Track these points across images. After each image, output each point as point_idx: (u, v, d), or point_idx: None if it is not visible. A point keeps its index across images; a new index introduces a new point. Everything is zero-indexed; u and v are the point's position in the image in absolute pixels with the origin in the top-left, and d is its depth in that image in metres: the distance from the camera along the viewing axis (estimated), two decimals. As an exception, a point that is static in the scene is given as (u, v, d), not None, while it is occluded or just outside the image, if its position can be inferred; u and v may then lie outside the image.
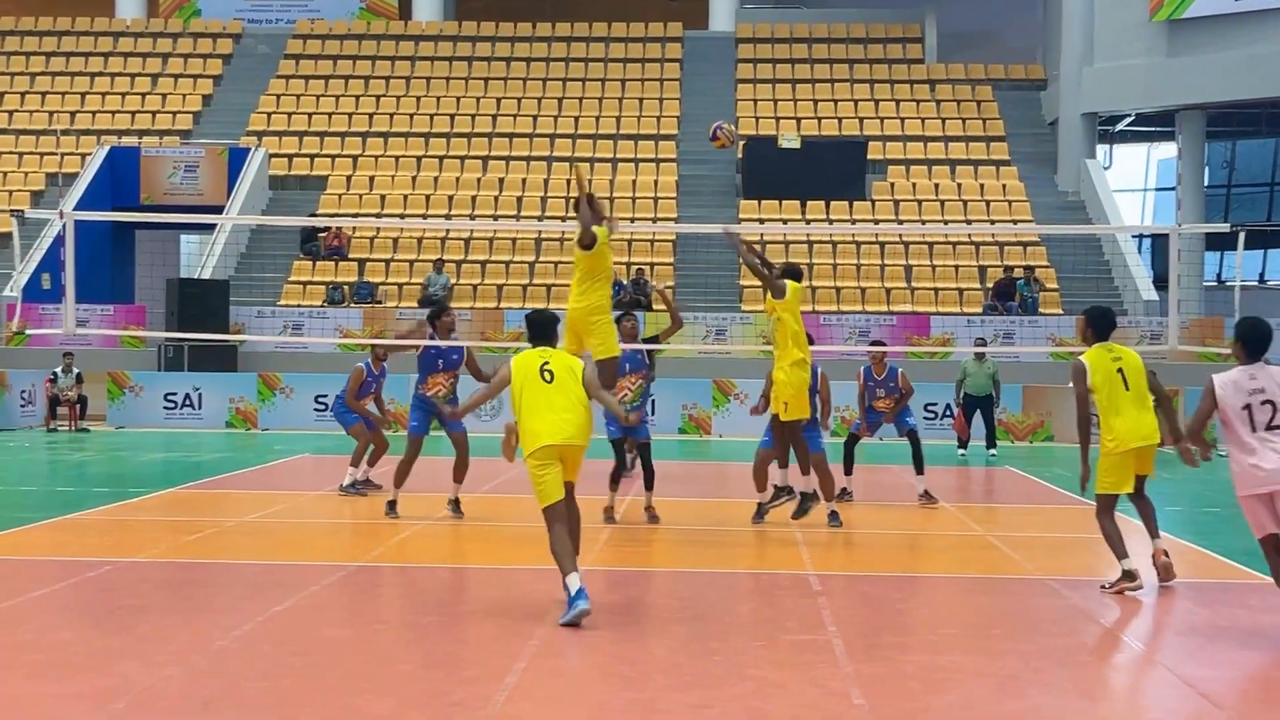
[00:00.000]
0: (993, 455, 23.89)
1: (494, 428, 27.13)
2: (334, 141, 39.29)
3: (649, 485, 14.35)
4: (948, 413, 27.20)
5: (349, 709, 7.02)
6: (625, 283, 31.02)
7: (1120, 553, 10.49)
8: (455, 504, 14.61)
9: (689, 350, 28.03)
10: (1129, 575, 10.43)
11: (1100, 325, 10.87)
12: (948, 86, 41.76)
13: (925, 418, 26.85)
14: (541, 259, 34.07)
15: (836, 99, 41.04)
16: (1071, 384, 10.75)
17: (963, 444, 24.38)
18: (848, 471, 16.22)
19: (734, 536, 13.70)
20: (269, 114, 40.38)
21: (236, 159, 36.17)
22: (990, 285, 32.41)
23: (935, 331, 30.31)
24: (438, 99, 41.19)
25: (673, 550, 13.05)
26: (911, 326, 30.30)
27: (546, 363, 9.41)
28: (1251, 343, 9.27)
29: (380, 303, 32.27)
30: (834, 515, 13.79)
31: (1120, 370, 10.56)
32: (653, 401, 21.67)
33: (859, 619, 9.45)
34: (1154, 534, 10.99)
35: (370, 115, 40.43)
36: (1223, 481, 19.87)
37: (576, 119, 40.13)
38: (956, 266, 33.58)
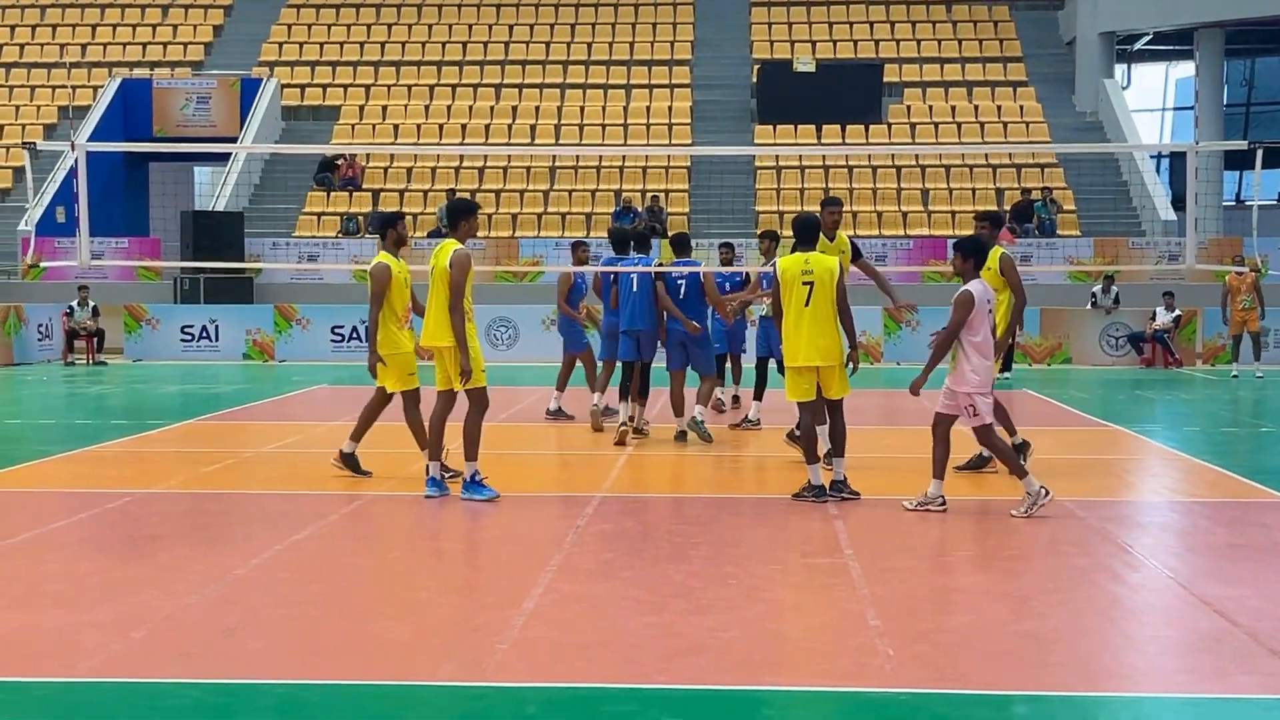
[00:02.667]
0: (1005, 378, 23.57)
1: (510, 357, 27.20)
2: (346, 71, 39.10)
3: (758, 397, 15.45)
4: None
5: (368, 635, 7.06)
6: (641, 210, 30.90)
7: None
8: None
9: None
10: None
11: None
12: (964, 7, 41.36)
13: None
14: (556, 187, 33.94)
15: (851, 21, 40.68)
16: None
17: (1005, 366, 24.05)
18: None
19: (746, 461, 13.72)
20: (280, 44, 40.18)
21: (249, 90, 36.04)
22: (1008, 207, 32.22)
23: (952, 254, 30.10)
24: (450, 27, 40.93)
25: (687, 475, 13.07)
26: (928, 250, 30.16)
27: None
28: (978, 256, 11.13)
29: (395, 232, 32.19)
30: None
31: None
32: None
33: (874, 542, 9.46)
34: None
35: (382, 44, 40.21)
36: (1240, 402, 19.86)
37: (589, 45, 39.84)
38: (973, 189, 33.39)
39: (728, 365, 16.97)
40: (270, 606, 7.65)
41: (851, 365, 11.43)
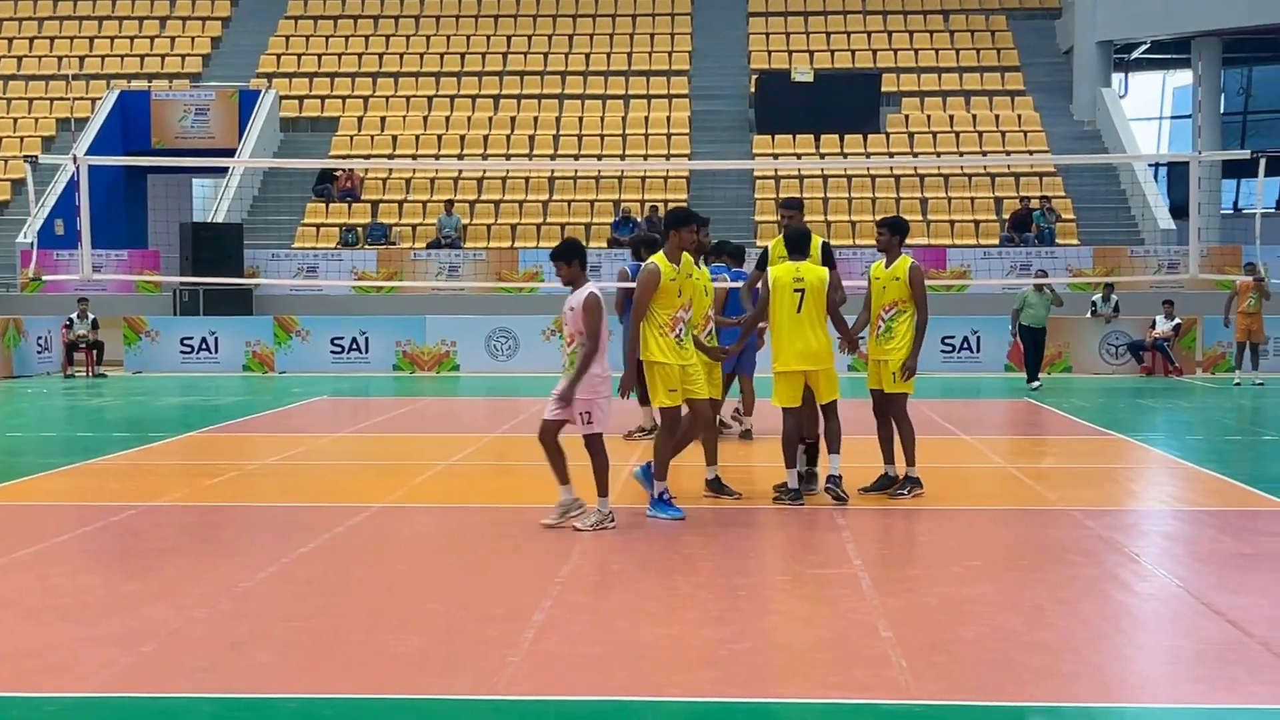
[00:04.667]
0: (1035, 388, 23.38)
1: (510, 367, 27.19)
2: (344, 82, 39.12)
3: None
4: (965, 345, 27.16)
5: (377, 648, 7.02)
6: (640, 220, 30.91)
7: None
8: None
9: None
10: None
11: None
12: (961, 16, 41.42)
13: (942, 350, 26.82)
14: (555, 198, 33.94)
15: (849, 31, 40.73)
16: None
17: (1033, 375, 24.03)
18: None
19: (753, 473, 13.68)
20: (279, 55, 40.19)
21: (247, 101, 36.04)
22: (1006, 217, 32.25)
23: (952, 264, 30.20)
24: (448, 38, 40.96)
25: (693, 485, 13.03)
26: (928, 259, 30.16)
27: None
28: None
29: (394, 244, 32.22)
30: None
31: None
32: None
33: (882, 552, 9.44)
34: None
35: (380, 55, 40.23)
36: (1241, 410, 19.86)
37: (588, 55, 39.88)
38: (972, 198, 33.42)
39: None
40: (279, 620, 7.61)
41: (847, 347, 11.65)
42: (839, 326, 11.43)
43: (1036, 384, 23.59)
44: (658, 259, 10.70)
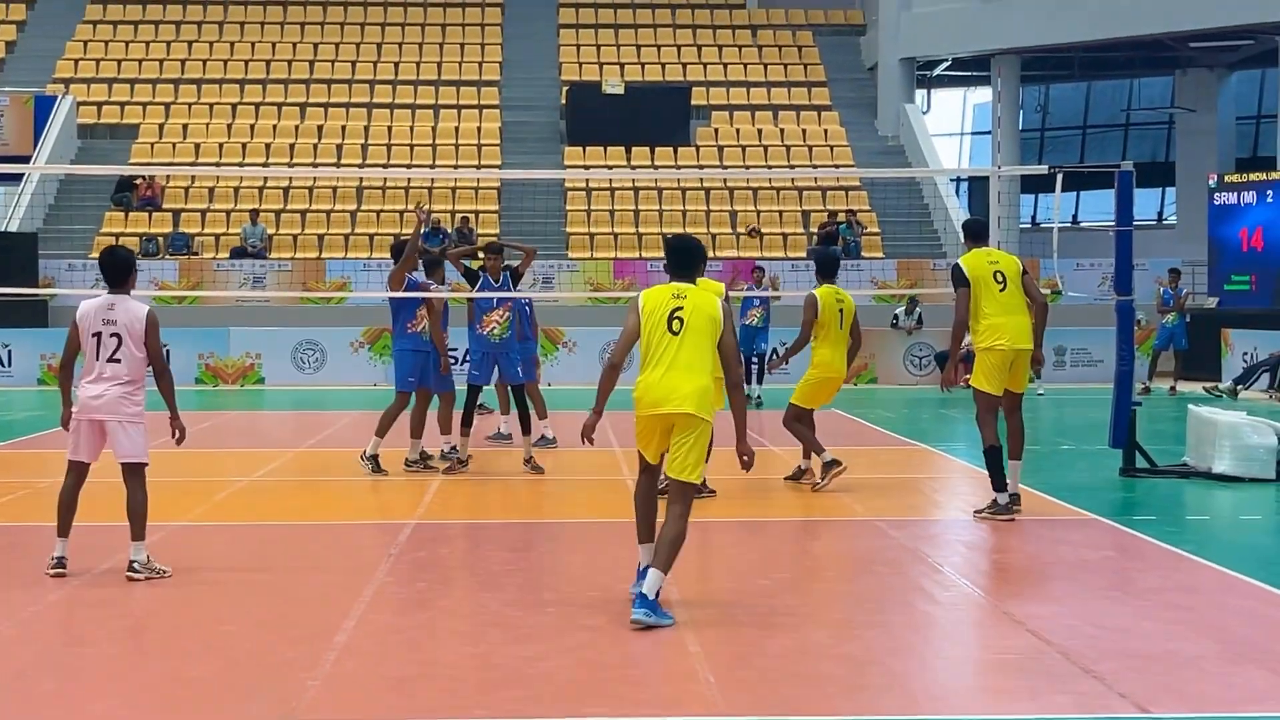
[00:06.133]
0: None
1: (316, 380, 26.73)
2: (145, 88, 38.13)
3: (526, 431, 14.08)
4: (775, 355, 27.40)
5: (170, 673, 6.78)
6: (450, 231, 30.67)
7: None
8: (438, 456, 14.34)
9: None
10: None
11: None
12: (769, 32, 41.90)
13: (752, 363, 27.01)
14: (364, 208, 33.50)
15: (659, 44, 40.93)
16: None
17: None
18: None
19: (564, 486, 13.61)
20: (76, 60, 39.03)
21: (43, 107, 34.88)
22: (814, 230, 32.67)
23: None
24: (253, 44, 40.18)
25: (503, 501, 12.92)
26: (740, 271, 30.39)
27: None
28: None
29: (196, 254, 31.49)
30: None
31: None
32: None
33: (691, 565, 9.41)
34: None
35: (183, 61, 39.29)
36: (1039, 420, 20.33)
37: (397, 64, 39.46)
38: (780, 211, 33.79)
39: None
40: (66, 645, 7.32)
41: None
42: None
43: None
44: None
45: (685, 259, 8.41)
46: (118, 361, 8.93)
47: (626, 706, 6.34)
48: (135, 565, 8.93)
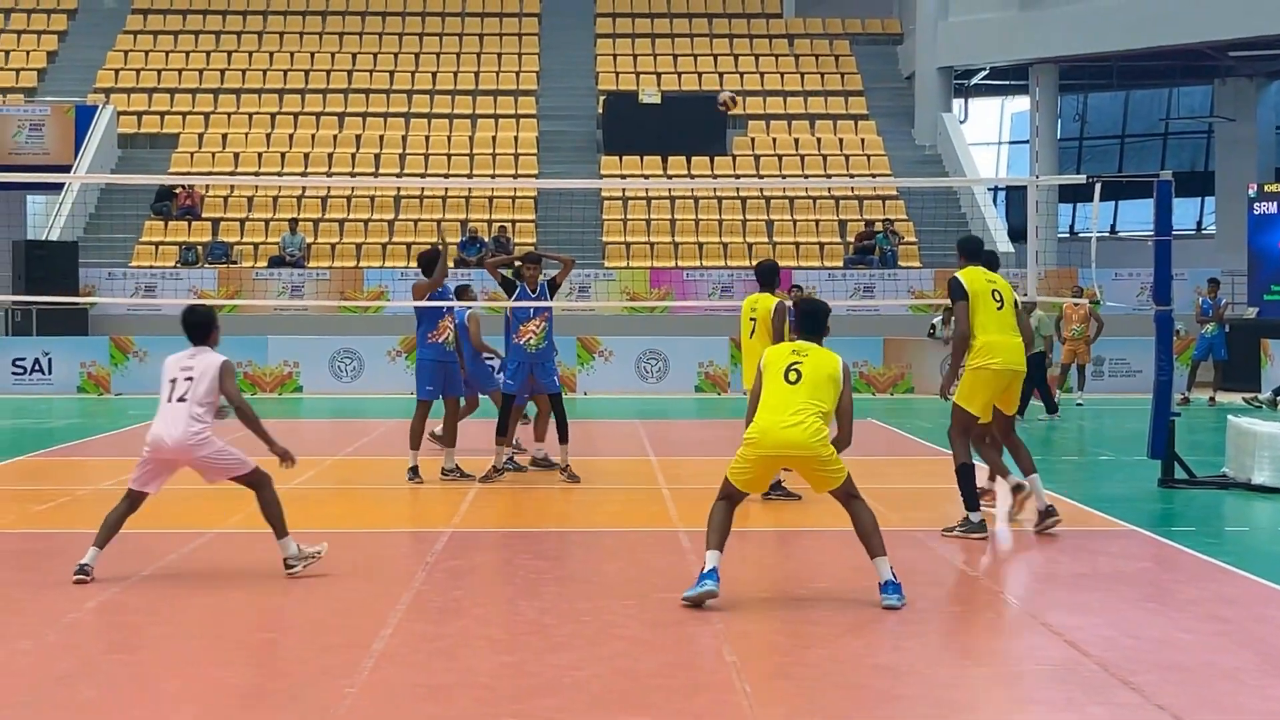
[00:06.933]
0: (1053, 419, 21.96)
1: (354, 389, 26.83)
2: (185, 98, 38.38)
3: (564, 440, 14.01)
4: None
5: (210, 680, 6.82)
6: (487, 240, 30.76)
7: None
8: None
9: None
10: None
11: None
12: (806, 41, 41.87)
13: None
14: (401, 217, 33.63)
15: (696, 54, 40.96)
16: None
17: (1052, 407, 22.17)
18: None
19: (600, 495, 13.62)
20: (117, 70, 39.32)
21: (84, 117, 35.16)
22: (851, 239, 32.63)
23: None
24: (291, 54, 40.41)
25: (539, 509, 12.94)
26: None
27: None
28: None
29: (235, 263, 31.66)
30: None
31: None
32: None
33: (728, 575, 9.39)
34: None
35: (222, 71, 39.55)
36: (1081, 430, 20.24)
37: (434, 74, 39.61)
38: (817, 221, 33.75)
39: None
40: (106, 652, 7.37)
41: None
42: None
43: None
44: None
45: (814, 322, 8.99)
46: (184, 401, 9.25)
47: (662, 716, 6.34)
48: (289, 561, 9.23)
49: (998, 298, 10.97)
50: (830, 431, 8.67)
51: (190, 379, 9.30)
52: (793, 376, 8.58)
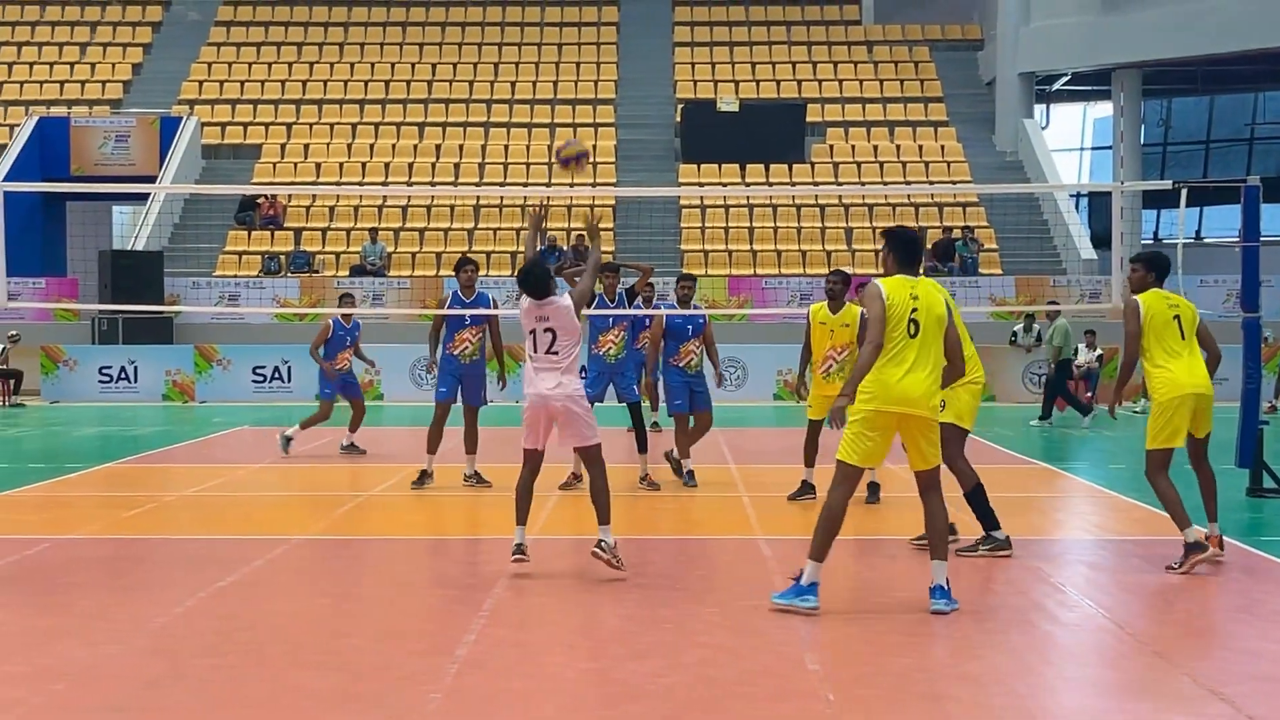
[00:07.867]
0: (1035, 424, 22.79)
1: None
2: (267, 109, 38.81)
3: (642, 449, 14.12)
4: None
5: (295, 685, 6.88)
6: (566, 249, 30.84)
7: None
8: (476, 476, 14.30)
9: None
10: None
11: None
12: (885, 47, 41.72)
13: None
14: (481, 226, 33.81)
15: (774, 61, 40.90)
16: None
17: (1084, 410, 22.99)
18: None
19: (680, 502, 13.60)
20: (200, 82, 39.84)
21: (168, 128, 35.66)
22: (930, 246, 32.44)
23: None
24: (372, 65, 40.75)
25: (619, 517, 12.92)
26: (854, 289, 30.21)
27: None
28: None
29: (317, 272, 31.96)
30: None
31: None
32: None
33: (810, 583, 9.37)
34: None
35: (304, 82, 39.96)
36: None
37: (513, 84, 39.81)
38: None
39: None
40: (194, 656, 7.44)
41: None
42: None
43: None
44: None
45: (914, 250, 9.00)
46: (555, 354, 9.53)
47: (746, 723, 6.33)
48: (602, 545, 9.51)
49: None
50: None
51: (550, 331, 9.56)
52: (912, 329, 8.49)
